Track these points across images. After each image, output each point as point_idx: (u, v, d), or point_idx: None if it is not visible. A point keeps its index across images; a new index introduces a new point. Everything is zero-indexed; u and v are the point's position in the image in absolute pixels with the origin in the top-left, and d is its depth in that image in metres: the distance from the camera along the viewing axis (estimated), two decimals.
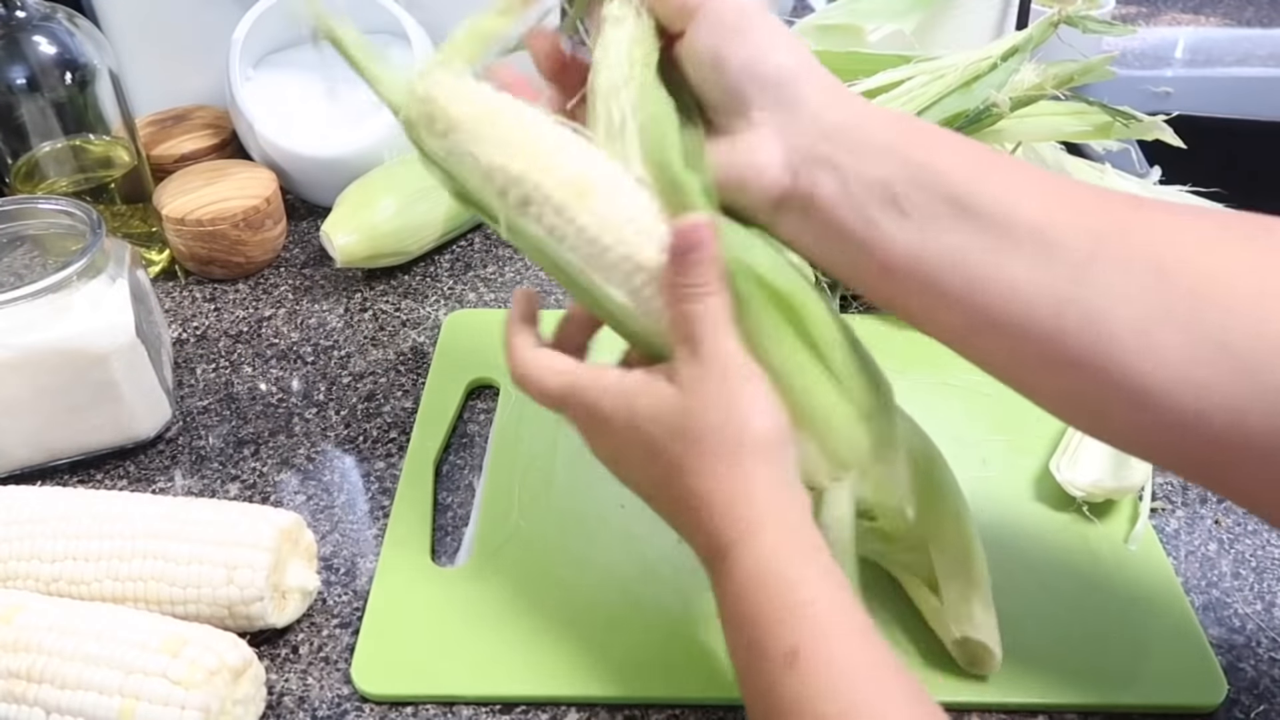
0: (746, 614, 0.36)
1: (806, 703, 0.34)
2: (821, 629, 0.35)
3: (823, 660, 0.34)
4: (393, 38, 0.81)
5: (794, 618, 0.35)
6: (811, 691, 0.34)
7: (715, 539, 0.38)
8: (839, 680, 0.34)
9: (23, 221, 0.60)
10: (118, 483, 0.58)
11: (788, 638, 0.35)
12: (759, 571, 0.36)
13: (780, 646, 0.35)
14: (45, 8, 0.66)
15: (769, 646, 0.35)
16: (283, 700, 0.47)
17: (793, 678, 0.34)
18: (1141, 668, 0.46)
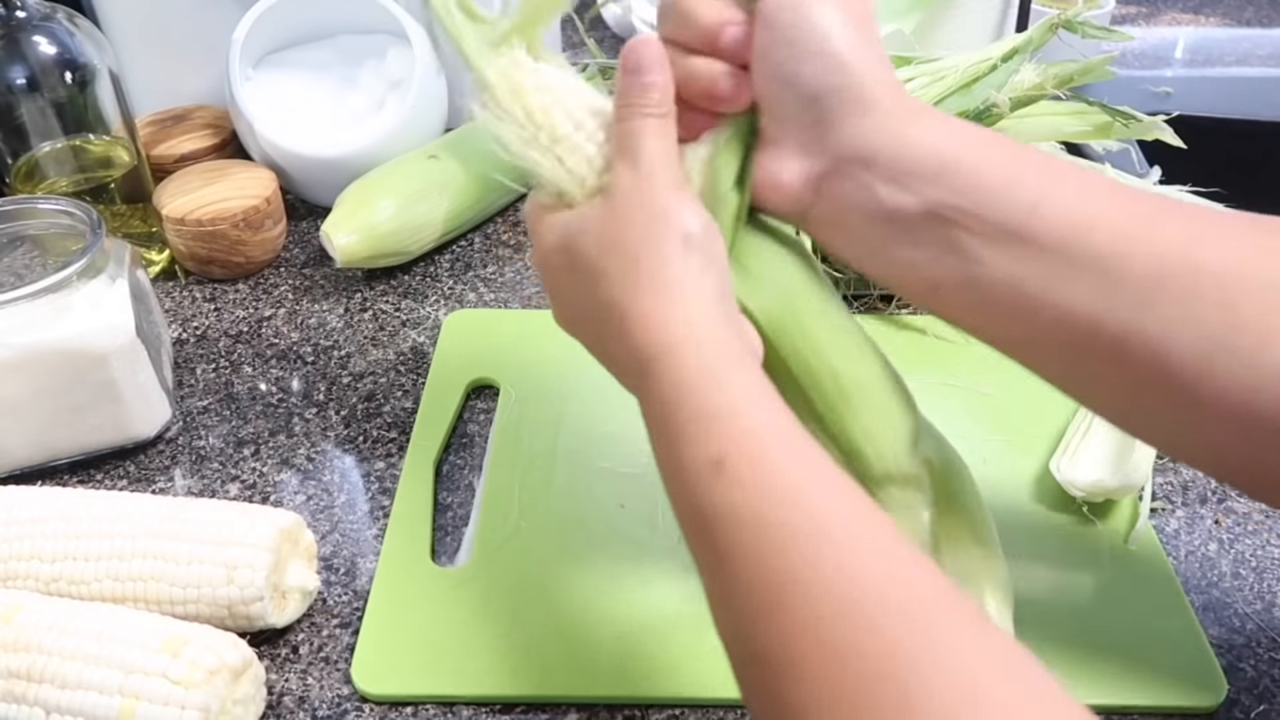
0: (672, 427, 0.35)
1: (739, 509, 0.32)
2: (748, 438, 0.33)
3: (750, 465, 0.33)
4: (393, 38, 0.81)
5: (721, 428, 0.34)
6: (742, 497, 0.32)
7: (640, 352, 0.37)
8: (773, 486, 0.32)
9: (23, 221, 0.60)
10: (118, 483, 0.58)
11: (714, 446, 0.33)
12: (682, 381, 0.35)
13: (706, 455, 0.33)
14: (45, 8, 0.66)
15: (692, 455, 0.34)
16: (283, 700, 0.47)
17: (720, 484, 0.33)
18: (1141, 668, 0.46)
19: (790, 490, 0.32)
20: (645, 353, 0.36)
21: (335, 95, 0.81)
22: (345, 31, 0.84)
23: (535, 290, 0.73)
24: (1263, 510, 0.55)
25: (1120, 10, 1.18)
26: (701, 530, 0.34)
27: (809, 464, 0.33)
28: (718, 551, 0.33)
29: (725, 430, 0.34)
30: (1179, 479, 0.57)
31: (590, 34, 0.94)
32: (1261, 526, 0.54)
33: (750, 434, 0.33)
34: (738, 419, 0.34)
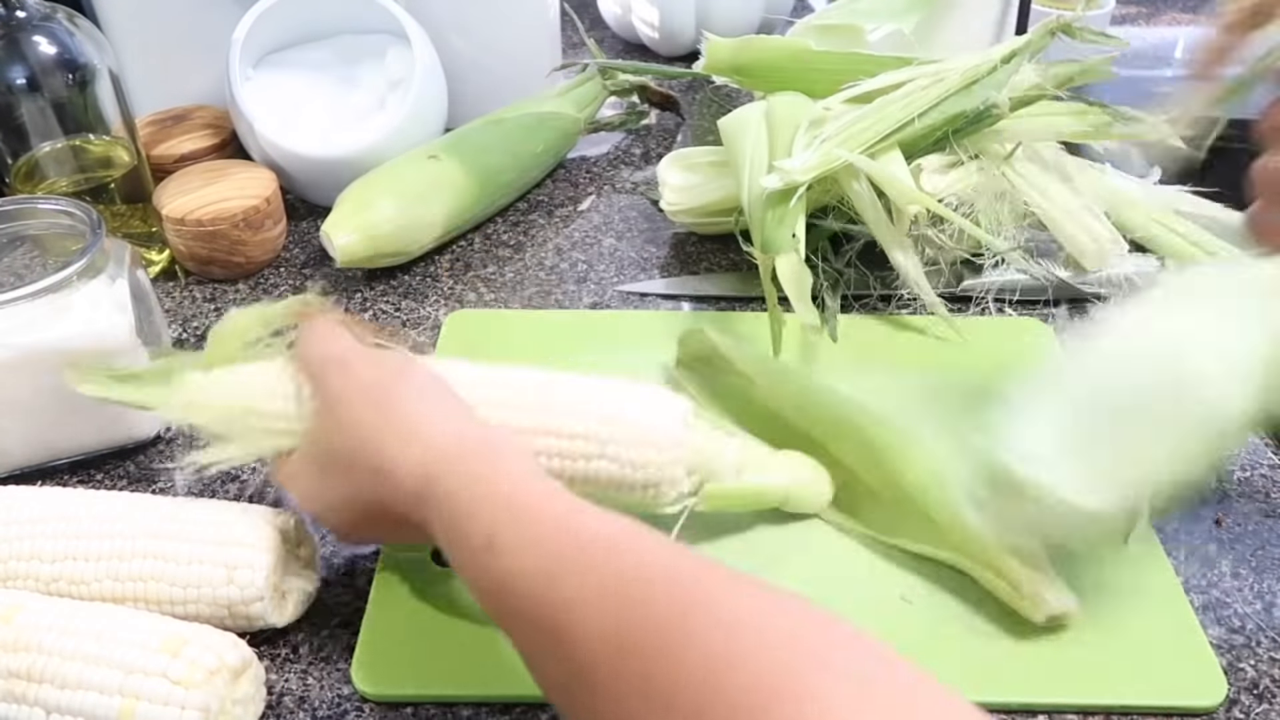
0: (452, 536, 0.39)
1: (515, 567, 0.36)
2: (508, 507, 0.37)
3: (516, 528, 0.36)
4: (393, 38, 0.81)
5: (482, 510, 0.38)
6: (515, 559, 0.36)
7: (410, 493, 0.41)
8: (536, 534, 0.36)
9: (23, 221, 0.60)
10: (118, 483, 0.58)
11: (482, 530, 0.37)
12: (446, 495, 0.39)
13: (479, 540, 0.37)
14: (45, 8, 0.66)
15: (471, 545, 0.38)
16: (283, 700, 0.47)
17: (496, 559, 0.36)
18: (1141, 668, 0.46)
19: (553, 525, 0.36)
20: (415, 486, 0.40)
21: (335, 95, 0.81)
22: (345, 31, 0.84)
23: (535, 290, 0.73)
24: (1263, 510, 0.55)
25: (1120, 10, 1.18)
26: (497, 608, 0.37)
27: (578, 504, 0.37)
28: (509, 614, 0.36)
29: (488, 512, 0.38)
30: None
31: (590, 34, 0.94)
32: (1261, 526, 0.54)
33: (509, 504, 0.37)
34: (496, 498, 0.38)
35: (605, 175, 0.87)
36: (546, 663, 0.35)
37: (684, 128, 0.93)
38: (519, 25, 0.88)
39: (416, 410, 0.43)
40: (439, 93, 0.81)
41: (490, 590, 0.37)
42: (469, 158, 0.76)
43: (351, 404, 0.44)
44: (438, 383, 0.45)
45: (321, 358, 0.46)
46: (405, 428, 0.42)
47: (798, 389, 0.57)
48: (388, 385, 0.44)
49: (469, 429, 0.42)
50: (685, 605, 0.31)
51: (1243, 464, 0.58)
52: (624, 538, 0.35)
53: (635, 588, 0.33)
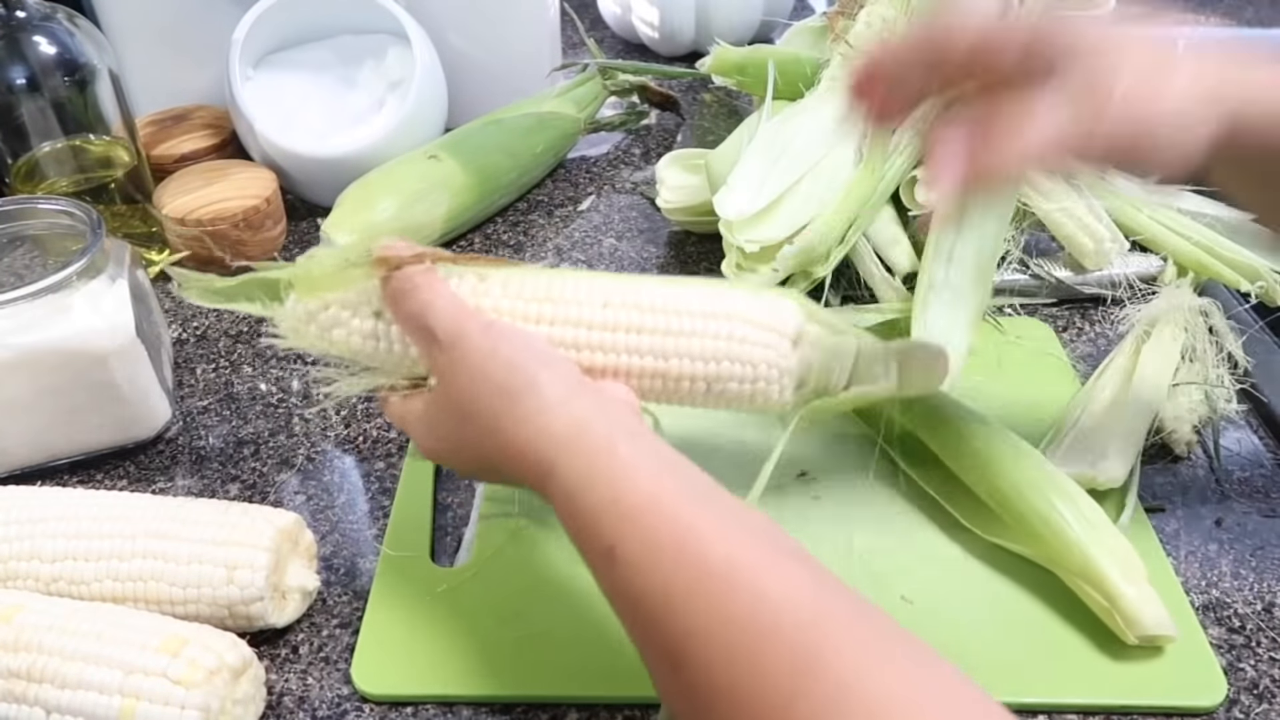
0: (574, 531, 0.39)
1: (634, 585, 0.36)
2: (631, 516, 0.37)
3: (638, 544, 0.36)
4: (393, 38, 0.81)
5: (604, 517, 0.37)
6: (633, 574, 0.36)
7: (535, 477, 0.41)
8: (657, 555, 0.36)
9: (23, 221, 0.60)
10: (118, 483, 0.58)
11: (603, 537, 0.37)
12: (571, 490, 0.39)
13: (601, 547, 0.37)
14: (45, 8, 0.66)
15: (591, 549, 0.38)
16: (283, 700, 0.47)
17: (616, 570, 0.37)
18: (1141, 668, 0.46)
19: (672, 553, 0.35)
20: (539, 474, 0.40)
21: (335, 95, 0.81)
22: (345, 31, 0.84)
23: None
24: (1263, 510, 0.55)
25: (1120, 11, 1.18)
26: (619, 613, 0.38)
27: (696, 512, 0.36)
28: (632, 629, 0.37)
29: (610, 520, 0.37)
30: (1179, 479, 0.57)
31: (590, 34, 0.94)
32: (1261, 526, 0.54)
33: (629, 516, 0.37)
34: (618, 506, 0.37)
35: (605, 175, 0.87)
36: (667, 683, 0.35)
37: (684, 128, 0.93)
38: (519, 25, 0.88)
39: (534, 393, 0.41)
40: (439, 93, 0.81)
41: (612, 596, 0.38)
42: (469, 158, 0.76)
43: (471, 382, 0.42)
44: (548, 350, 0.44)
45: (428, 328, 0.43)
46: (524, 413, 0.41)
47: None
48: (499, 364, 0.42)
49: (587, 412, 0.41)
50: (802, 658, 0.31)
51: (1243, 464, 0.58)
52: (744, 566, 0.34)
53: (752, 630, 0.33)
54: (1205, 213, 0.69)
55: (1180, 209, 0.70)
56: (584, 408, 0.41)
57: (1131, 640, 0.46)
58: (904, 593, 0.50)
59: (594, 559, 0.38)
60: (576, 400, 0.41)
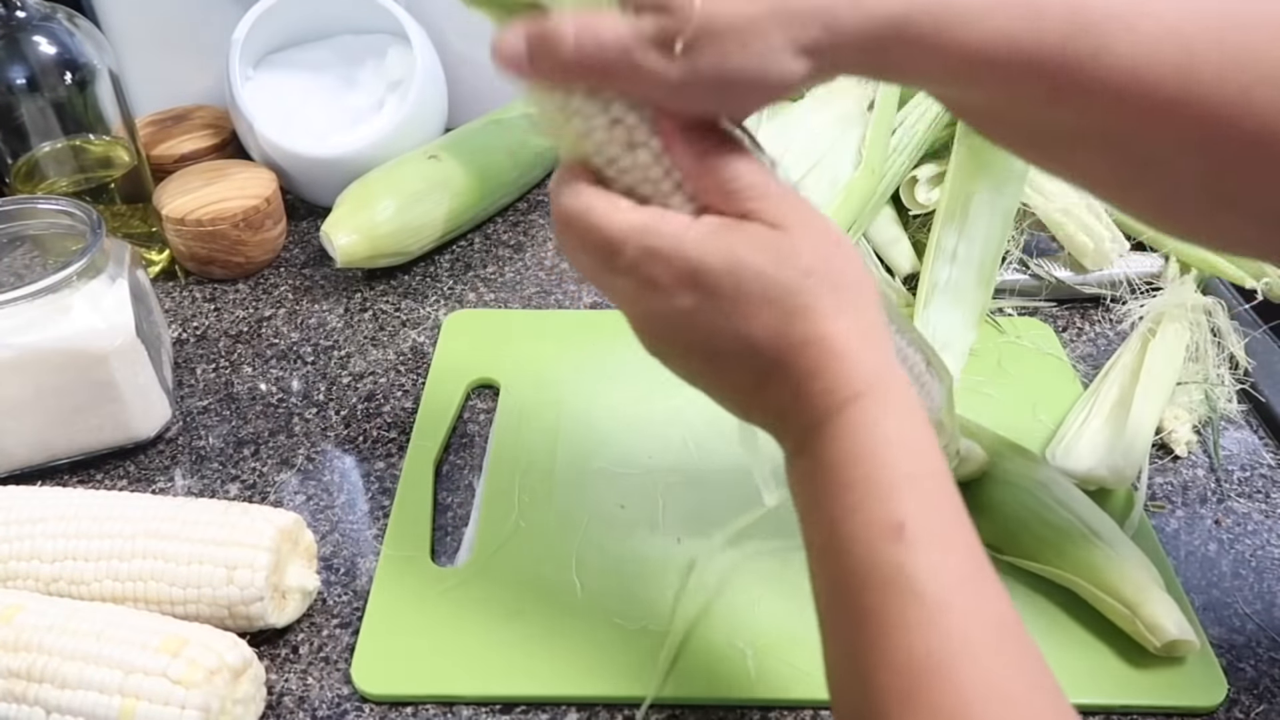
0: (847, 477, 0.33)
1: (914, 578, 0.31)
2: (935, 507, 0.32)
3: (931, 538, 0.32)
4: (393, 38, 0.81)
5: (906, 487, 0.32)
6: (917, 565, 0.31)
7: (837, 389, 0.34)
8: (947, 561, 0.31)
9: (23, 221, 0.60)
10: (118, 483, 0.58)
11: (897, 508, 0.32)
12: (873, 434, 0.33)
13: (887, 515, 0.32)
14: (45, 8, 0.66)
15: (873, 513, 0.32)
16: (283, 700, 0.47)
17: (899, 551, 0.31)
18: (1141, 668, 0.46)
19: (962, 575, 0.32)
20: (849, 388, 0.34)
21: (335, 95, 0.81)
22: (345, 31, 0.84)
23: (535, 290, 0.73)
24: (1263, 510, 0.55)
25: None
26: (860, 591, 0.32)
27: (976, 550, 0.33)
28: (874, 616, 0.31)
29: (911, 495, 0.32)
30: (1179, 479, 0.57)
31: None
32: (1261, 526, 0.54)
33: (935, 507, 0.33)
34: (923, 483, 0.33)
35: None
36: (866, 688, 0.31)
37: None
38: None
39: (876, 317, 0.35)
40: (439, 93, 0.81)
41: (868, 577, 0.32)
42: (469, 158, 0.76)
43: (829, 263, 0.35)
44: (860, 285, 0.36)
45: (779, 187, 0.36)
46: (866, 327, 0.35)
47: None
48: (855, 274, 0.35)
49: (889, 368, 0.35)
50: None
51: (1243, 464, 0.58)
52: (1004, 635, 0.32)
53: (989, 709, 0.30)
54: None
55: None
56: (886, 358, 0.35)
57: (1155, 647, 0.46)
58: None
59: (865, 527, 0.32)
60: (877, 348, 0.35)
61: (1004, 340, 0.66)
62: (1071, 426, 0.57)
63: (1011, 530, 0.50)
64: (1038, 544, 0.49)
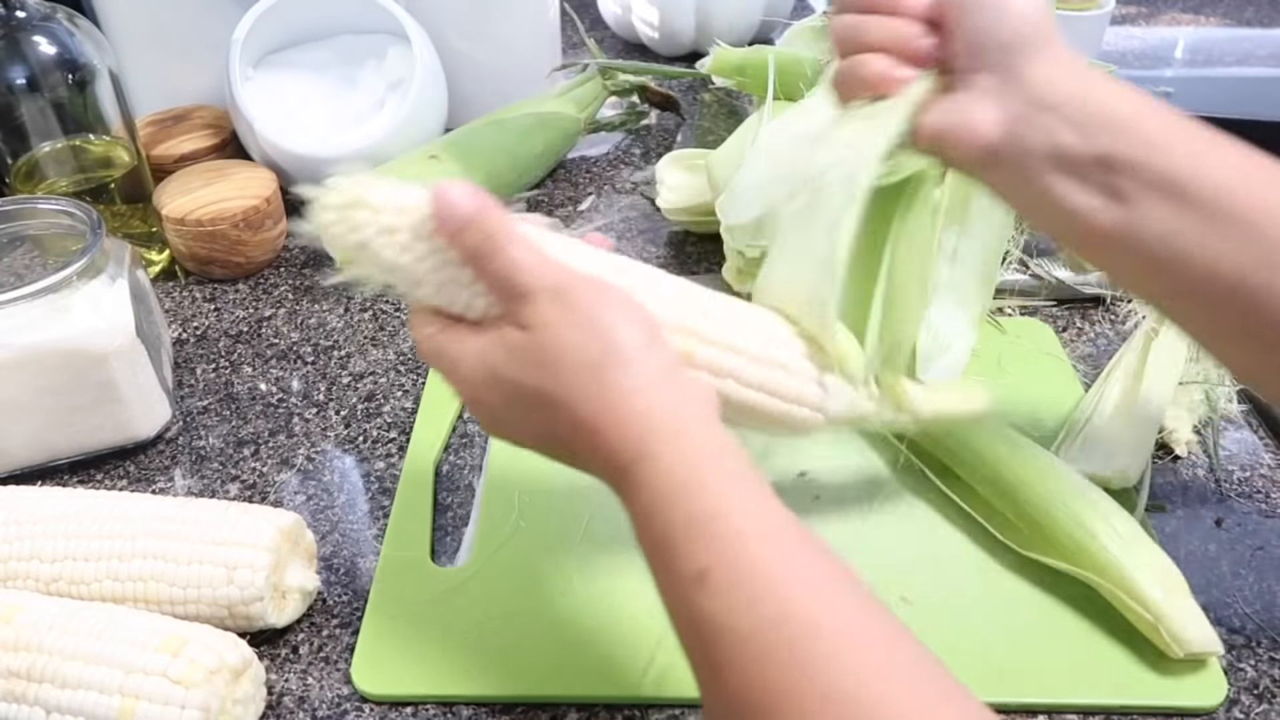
0: (655, 536, 0.35)
1: (722, 618, 0.32)
2: (732, 544, 0.33)
3: (735, 575, 0.33)
4: (393, 38, 0.81)
5: (703, 535, 0.33)
6: (726, 607, 0.32)
7: (613, 462, 0.36)
8: (756, 594, 0.32)
9: (23, 221, 0.60)
10: (118, 483, 0.58)
11: (698, 557, 0.33)
12: (661, 490, 0.35)
13: (691, 567, 0.33)
14: (45, 8, 0.66)
15: (677, 566, 0.34)
16: (283, 700, 0.47)
17: (704, 595, 0.33)
18: (1141, 668, 0.46)
19: (776, 599, 0.32)
20: (621, 462, 0.36)
21: (335, 95, 0.81)
22: (345, 31, 0.84)
23: None
24: (1263, 510, 0.55)
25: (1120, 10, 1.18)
26: (689, 638, 0.34)
27: (797, 564, 0.33)
28: (707, 662, 0.33)
29: (708, 538, 0.33)
30: (1179, 479, 0.57)
31: (590, 34, 0.94)
32: (1261, 526, 0.54)
33: (734, 540, 0.33)
34: (719, 522, 0.34)
35: (605, 175, 0.87)
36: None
37: (684, 128, 0.93)
38: (519, 25, 0.88)
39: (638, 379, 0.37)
40: (439, 93, 0.81)
41: (690, 625, 0.34)
42: (469, 158, 0.76)
43: (562, 350, 0.37)
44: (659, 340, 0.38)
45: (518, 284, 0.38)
46: (619, 392, 0.36)
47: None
48: (609, 338, 0.37)
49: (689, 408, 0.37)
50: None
51: (1243, 464, 0.58)
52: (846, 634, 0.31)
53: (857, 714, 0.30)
54: None
55: None
56: (687, 406, 0.37)
57: (1178, 655, 0.45)
58: (903, 593, 0.50)
59: (676, 576, 0.34)
60: (681, 398, 0.37)
61: (1004, 340, 0.66)
62: (1074, 427, 0.57)
63: (1036, 521, 0.50)
64: (1064, 539, 0.49)
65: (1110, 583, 0.47)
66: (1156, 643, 0.46)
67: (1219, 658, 0.47)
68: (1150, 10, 1.19)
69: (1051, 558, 0.49)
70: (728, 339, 0.43)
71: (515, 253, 0.39)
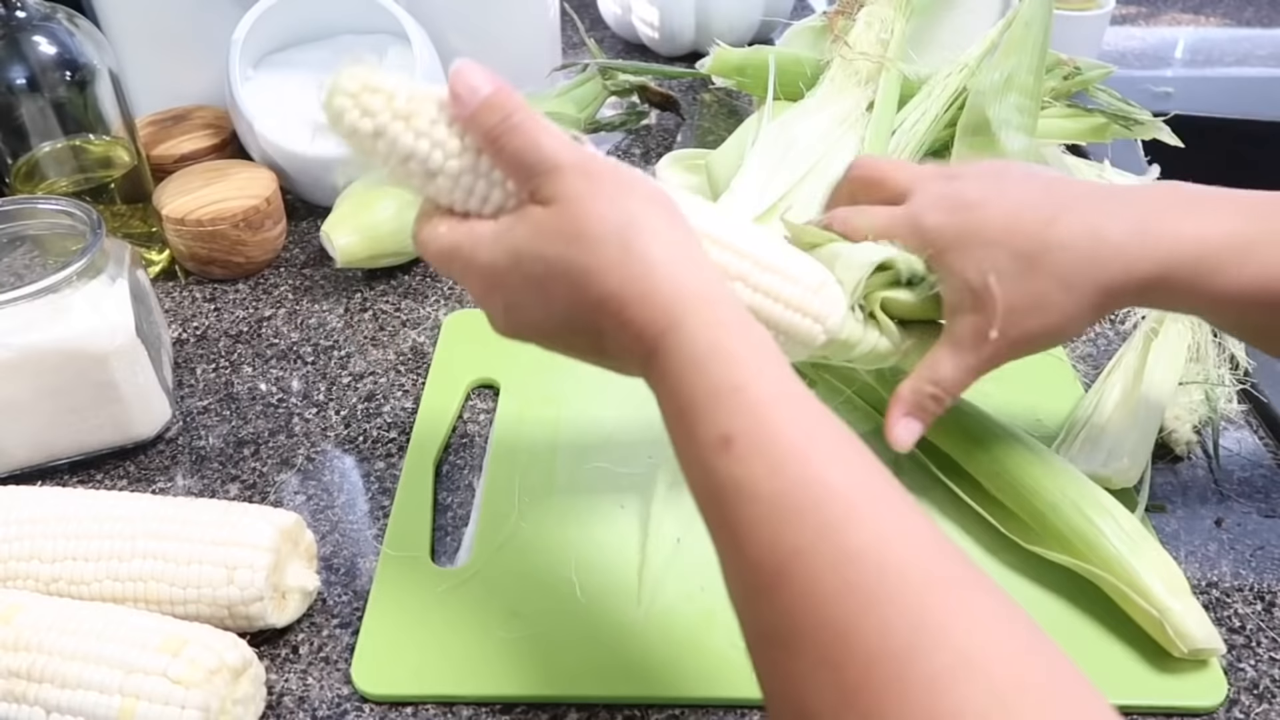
0: (681, 405, 0.35)
1: (745, 483, 0.33)
2: (755, 412, 0.34)
3: (757, 443, 0.33)
4: (393, 38, 0.81)
5: (729, 402, 0.34)
6: (748, 473, 0.33)
7: (643, 337, 0.36)
8: (777, 460, 0.32)
9: (23, 221, 0.60)
10: (118, 483, 0.58)
11: (721, 423, 0.34)
12: (689, 357, 0.35)
13: (713, 432, 0.34)
14: (45, 8, 0.66)
15: (701, 433, 0.34)
16: (283, 700, 0.47)
17: (727, 461, 0.33)
18: (1141, 667, 0.46)
19: (797, 465, 0.32)
20: (650, 334, 0.36)
21: None
22: (345, 31, 0.84)
23: None
24: (1263, 510, 0.55)
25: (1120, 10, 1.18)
26: (711, 505, 0.34)
27: (818, 435, 0.33)
28: (727, 526, 0.33)
29: (733, 406, 0.34)
30: (1179, 479, 0.57)
31: (590, 34, 0.94)
32: (1261, 526, 0.54)
33: (758, 408, 0.33)
34: (745, 392, 0.34)
35: None
36: (753, 597, 0.33)
37: (684, 128, 0.93)
38: (519, 25, 0.88)
39: (665, 251, 0.37)
40: None
41: (712, 492, 0.34)
42: None
43: (589, 215, 0.37)
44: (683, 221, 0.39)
45: (540, 159, 0.38)
46: (649, 262, 0.36)
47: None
48: (635, 211, 0.37)
49: (715, 283, 0.37)
50: (923, 617, 0.29)
51: (1243, 464, 0.58)
52: (864, 501, 0.32)
53: (873, 571, 0.30)
54: None
55: None
56: (714, 276, 0.37)
57: (1182, 653, 0.45)
58: None
59: (699, 443, 0.34)
60: (707, 267, 0.37)
61: None
62: (1074, 427, 0.57)
63: (1041, 515, 0.50)
64: (1069, 535, 0.49)
65: (1115, 578, 0.47)
66: (1160, 640, 0.46)
67: (1219, 657, 0.47)
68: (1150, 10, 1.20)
69: (1056, 553, 0.49)
70: (737, 243, 0.43)
71: (536, 130, 0.39)
